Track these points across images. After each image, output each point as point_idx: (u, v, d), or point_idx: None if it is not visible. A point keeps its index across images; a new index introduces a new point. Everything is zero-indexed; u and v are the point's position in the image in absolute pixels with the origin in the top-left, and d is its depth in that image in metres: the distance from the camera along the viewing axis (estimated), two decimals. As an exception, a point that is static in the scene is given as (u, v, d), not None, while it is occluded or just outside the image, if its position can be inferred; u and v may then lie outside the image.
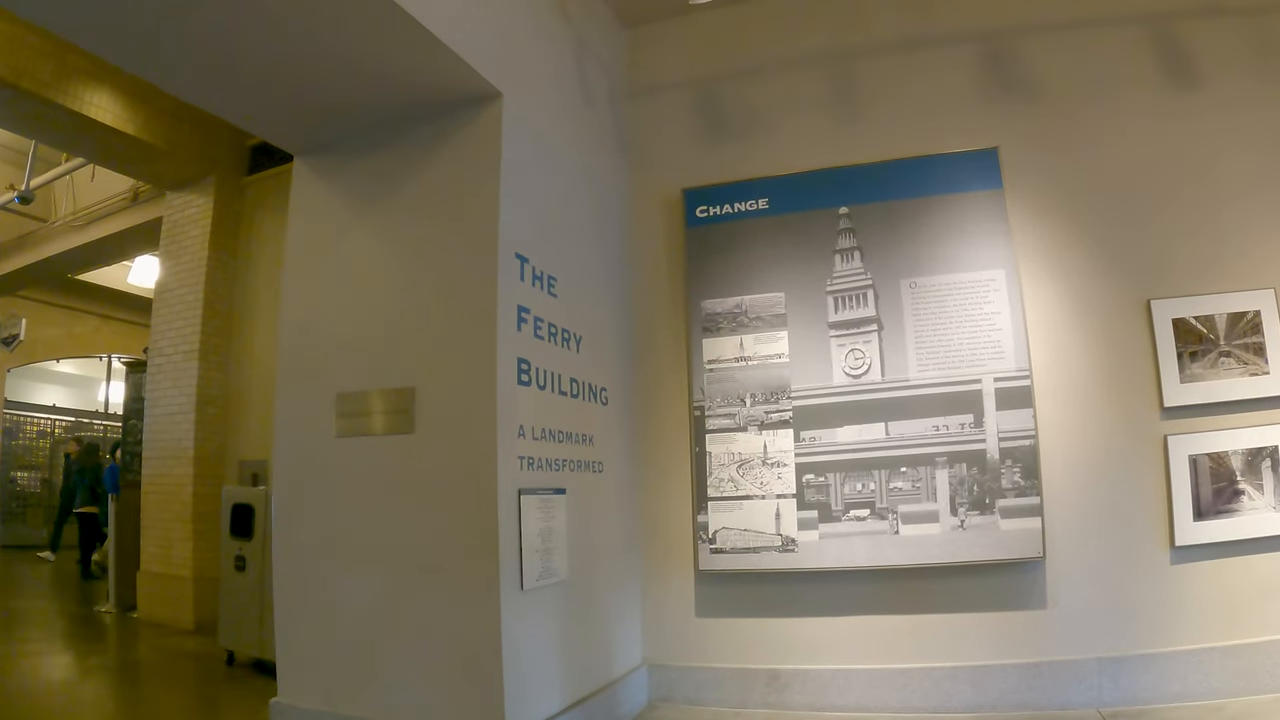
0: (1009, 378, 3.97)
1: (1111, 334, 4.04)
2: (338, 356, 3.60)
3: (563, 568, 3.56)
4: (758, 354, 4.27)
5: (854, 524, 4.03)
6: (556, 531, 3.53)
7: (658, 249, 4.68)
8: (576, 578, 3.69)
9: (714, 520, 4.19)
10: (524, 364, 3.44)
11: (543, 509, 3.44)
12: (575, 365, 3.89)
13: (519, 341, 3.42)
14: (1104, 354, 4.04)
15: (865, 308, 4.18)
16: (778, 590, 4.15)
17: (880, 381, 4.10)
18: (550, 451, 3.59)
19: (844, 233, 4.27)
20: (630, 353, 4.60)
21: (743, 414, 4.24)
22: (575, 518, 3.72)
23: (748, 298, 4.33)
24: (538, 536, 3.39)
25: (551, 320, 3.71)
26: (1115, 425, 3.97)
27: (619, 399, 4.35)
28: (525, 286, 3.52)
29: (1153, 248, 4.06)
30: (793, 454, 4.15)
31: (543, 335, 3.62)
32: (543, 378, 3.58)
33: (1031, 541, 3.84)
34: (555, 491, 3.57)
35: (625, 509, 4.32)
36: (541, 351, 3.59)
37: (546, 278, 3.69)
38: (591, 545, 3.89)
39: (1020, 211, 4.18)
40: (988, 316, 4.05)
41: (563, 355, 3.78)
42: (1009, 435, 3.93)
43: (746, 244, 4.38)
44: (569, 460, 3.75)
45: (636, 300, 4.68)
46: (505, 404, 3.27)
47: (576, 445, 3.84)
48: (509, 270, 3.40)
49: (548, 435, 3.58)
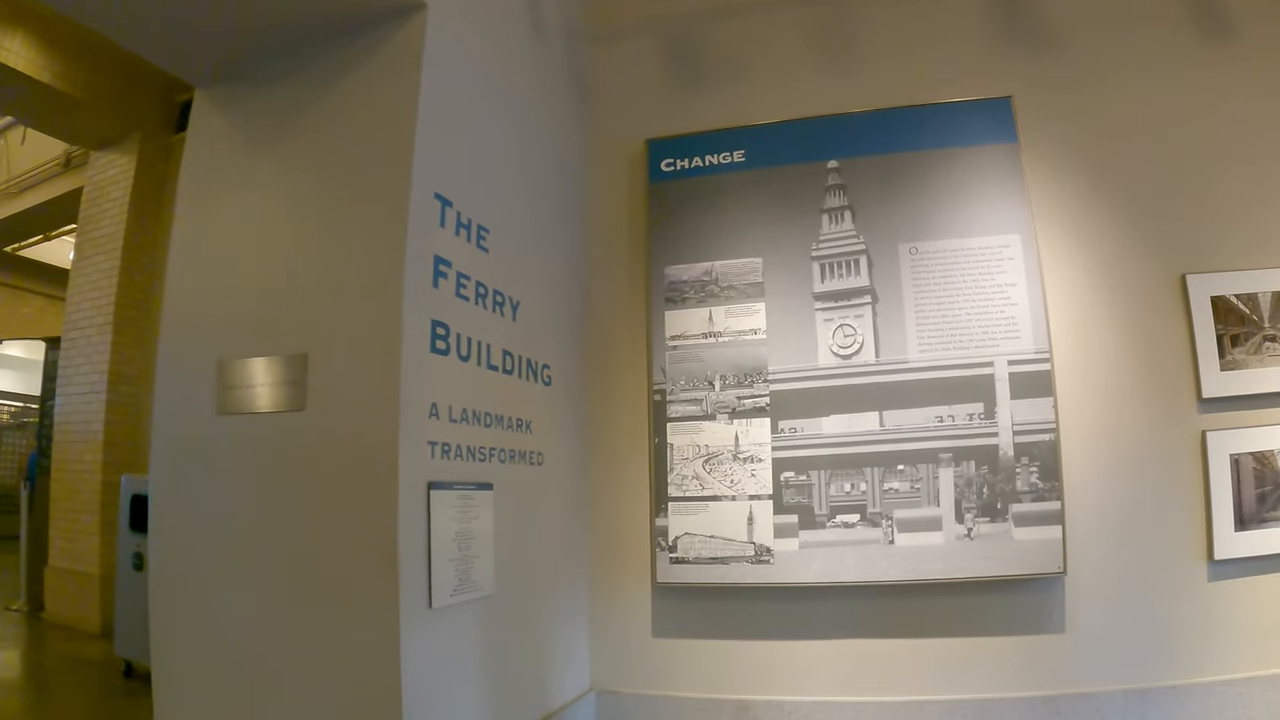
0: (1026, 360, 3.30)
1: (1141, 312, 3.42)
2: (226, 317, 2.87)
3: (487, 579, 2.85)
4: (729, 329, 3.56)
5: (841, 531, 3.33)
6: (480, 535, 2.82)
7: (616, 208, 3.95)
8: (506, 591, 2.97)
9: (675, 524, 3.47)
10: (440, 328, 2.72)
11: (461, 507, 2.73)
12: (510, 335, 3.17)
13: (435, 300, 2.71)
14: (1133, 335, 3.41)
15: (857, 276, 3.49)
16: (750, 608, 3.45)
17: (874, 363, 3.40)
18: (474, 438, 2.87)
19: (833, 190, 3.58)
20: (580, 325, 3.85)
21: (711, 399, 3.53)
22: (506, 519, 3.00)
23: (719, 263, 3.62)
24: (453, 541, 2.68)
25: (480, 279, 2.99)
26: (1146, 418, 3.35)
27: (565, 379, 3.60)
28: (446, 234, 2.81)
29: (1189, 215, 3.46)
30: (769, 447, 3.44)
31: (468, 295, 2.90)
32: (466, 347, 2.87)
33: (1050, 554, 3.18)
34: (479, 487, 2.85)
35: (570, 509, 3.58)
36: (465, 315, 2.88)
37: (476, 228, 2.98)
38: (527, 552, 3.17)
39: (1038, 168, 3.55)
40: (1001, 289, 3.38)
41: (494, 322, 3.06)
42: (1026, 428, 3.26)
43: (719, 202, 3.67)
44: (499, 449, 3.03)
45: (590, 265, 3.94)
46: (412, 376, 2.56)
47: (509, 432, 3.11)
48: (425, 212, 2.70)
49: (471, 418, 2.86)
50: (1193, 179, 3.49)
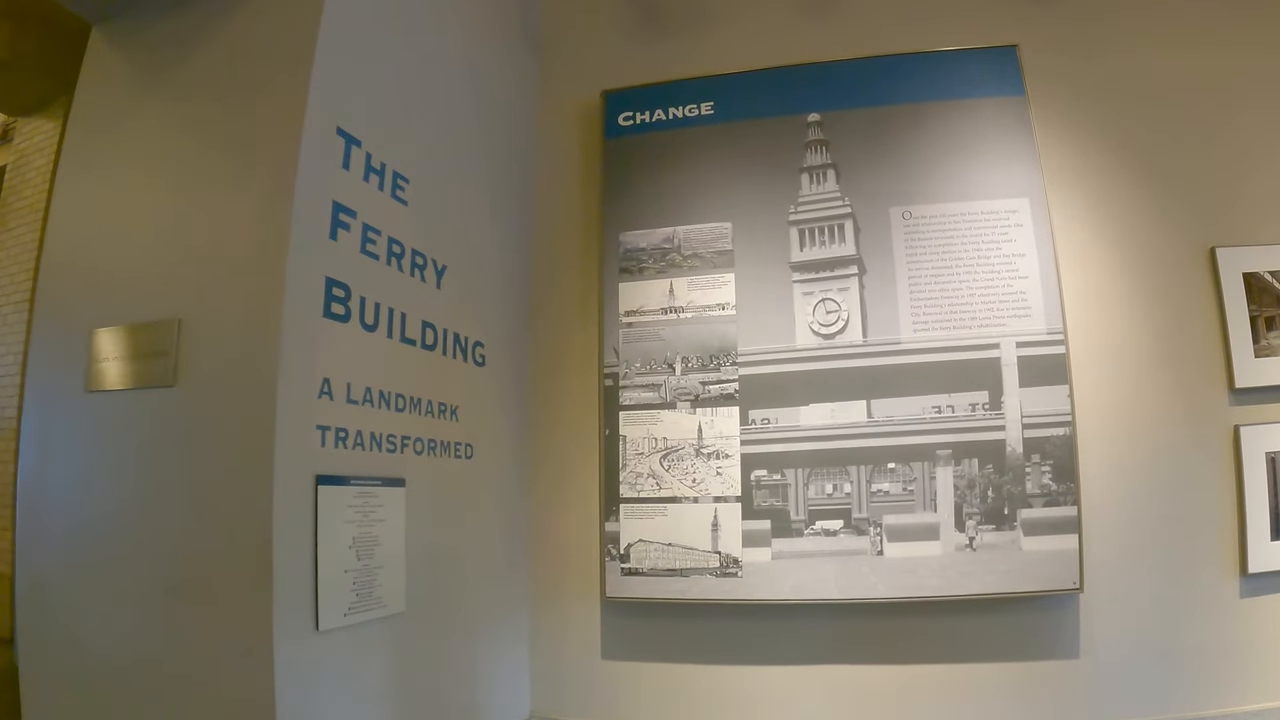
0: (1037, 342, 2.78)
1: (1165, 288, 2.92)
2: (103, 279, 2.32)
3: (396, 594, 2.30)
4: (693, 303, 3.01)
5: (821, 540, 2.79)
6: (387, 541, 2.27)
7: (568, 167, 3.40)
8: (422, 608, 2.42)
9: (628, 530, 2.91)
10: (339, 288, 2.18)
11: (361, 507, 2.18)
12: (433, 305, 2.61)
13: (333, 255, 2.17)
14: (1156, 315, 2.90)
15: (842, 244, 2.96)
16: (713, 627, 2.90)
17: (861, 343, 2.87)
18: (381, 423, 2.32)
19: (814, 146, 3.05)
20: (523, 298, 3.29)
21: (670, 385, 2.98)
22: (423, 521, 2.45)
23: (682, 229, 3.07)
24: (350, 548, 2.13)
25: (395, 235, 2.44)
26: (1171, 411, 2.84)
27: (503, 360, 3.04)
28: (352, 179, 2.27)
29: (1219, 180, 2.95)
30: (738, 441, 2.89)
31: (377, 253, 2.35)
32: (374, 314, 2.32)
33: (1065, 567, 2.65)
34: (386, 482, 2.30)
35: (507, 511, 3.02)
36: (374, 276, 2.33)
37: (392, 175, 2.44)
38: (451, 561, 2.61)
39: (1048, 125, 3.04)
40: (1008, 259, 2.86)
41: (412, 288, 2.51)
42: (1037, 421, 2.73)
43: (683, 159, 3.12)
44: (415, 439, 2.47)
45: (537, 231, 3.38)
46: (297, 344, 2.02)
47: (429, 419, 2.56)
48: (323, 149, 2.16)
49: (378, 399, 2.31)
50: (1223, 140, 2.98)
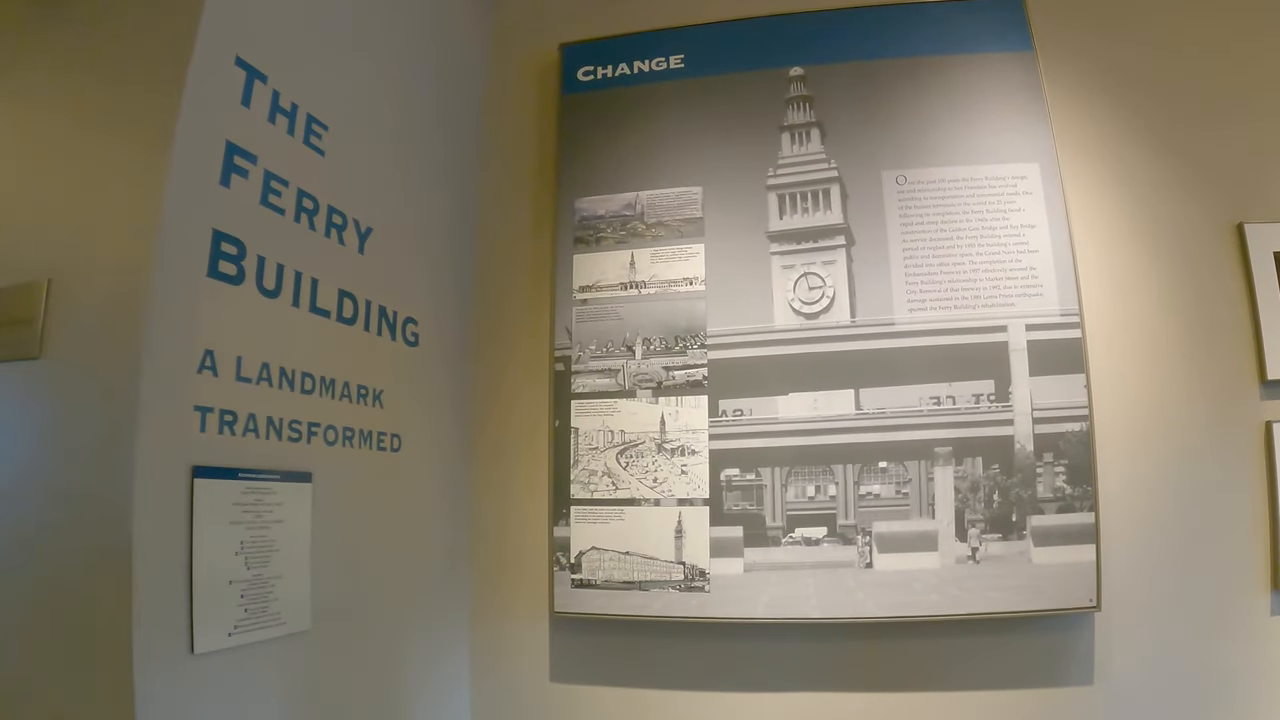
0: (1050, 324, 2.39)
1: (1189, 267, 2.53)
2: None
3: (298, 609, 1.89)
4: (656, 277, 2.60)
5: (801, 550, 2.39)
6: (287, 546, 1.86)
7: (522, 127, 2.98)
8: (334, 625, 2.01)
9: (579, 535, 2.50)
10: (230, 244, 1.76)
11: (252, 505, 1.77)
12: (353, 272, 2.20)
13: (224, 204, 1.76)
14: (1179, 296, 2.52)
15: (827, 211, 2.56)
16: (677, 648, 2.50)
17: (848, 324, 2.47)
18: (282, 406, 1.90)
19: (796, 103, 2.65)
20: (467, 271, 2.86)
21: (629, 370, 2.57)
22: (334, 523, 2.04)
23: (646, 194, 2.66)
24: (237, 554, 1.72)
25: (308, 188, 2.02)
26: (1197, 405, 2.45)
27: (440, 339, 2.62)
28: (253, 119, 1.86)
29: (1247, 149, 2.57)
30: (706, 435, 2.48)
31: (282, 207, 1.94)
32: (276, 277, 1.91)
33: (1080, 582, 2.26)
34: (287, 476, 1.88)
35: (442, 512, 2.60)
36: (279, 234, 1.92)
37: (306, 119, 2.03)
38: (372, 570, 2.20)
39: (1060, 83, 2.66)
40: (1016, 231, 2.47)
41: (327, 251, 2.10)
42: (1050, 414, 2.34)
43: (649, 118, 2.71)
44: (327, 426, 2.05)
45: (485, 195, 2.96)
46: (171, 307, 1.61)
47: (346, 404, 2.14)
48: (217, 80, 1.76)
49: (279, 378, 1.90)
50: (1254, 105, 2.61)
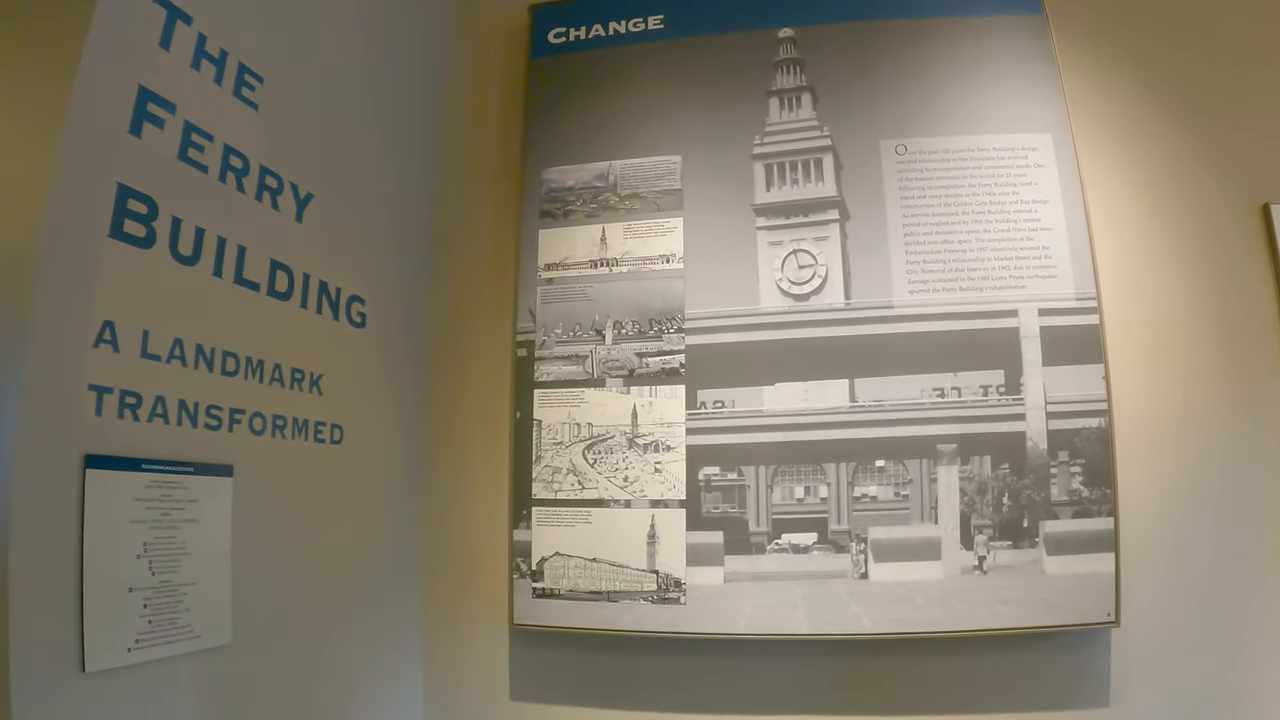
0: (1065, 309, 2.13)
1: (1211, 250, 2.29)
2: None
3: (216, 621, 1.61)
4: (630, 254, 2.32)
5: (788, 558, 2.11)
6: (202, 549, 1.58)
7: (488, 93, 2.70)
8: (262, 639, 1.73)
9: (541, 540, 2.22)
10: (138, 201, 1.49)
11: (159, 502, 1.49)
12: (289, 241, 1.92)
13: (134, 156, 1.49)
14: (1201, 281, 2.28)
15: (819, 183, 2.29)
16: (650, 666, 2.22)
17: (843, 307, 2.20)
18: (198, 389, 1.61)
19: (786, 66, 2.39)
20: (422, 246, 2.57)
21: (599, 356, 2.29)
22: (263, 523, 1.76)
23: (620, 163, 2.38)
24: (140, 557, 1.45)
25: (236, 145, 1.74)
26: (1223, 399, 2.20)
27: (390, 320, 2.32)
28: (173, 63, 1.59)
29: (1272, 125, 2.33)
30: (682, 429, 2.20)
31: (205, 164, 1.66)
32: (194, 243, 1.62)
33: (1098, 595, 1.99)
34: (203, 469, 1.60)
35: (391, 512, 2.31)
36: (199, 194, 1.64)
37: (238, 69, 1.75)
38: (308, 576, 1.92)
39: (1072, 49, 2.40)
40: (1027, 207, 2.21)
41: (258, 216, 1.82)
42: (1065, 408, 2.08)
43: (625, 83, 2.44)
44: (253, 413, 1.77)
45: (445, 165, 2.67)
46: (63, 271, 1.36)
47: (277, 389, 1.85)
48: (130, 16, 1.49)
49: (194, 356, 1.61)
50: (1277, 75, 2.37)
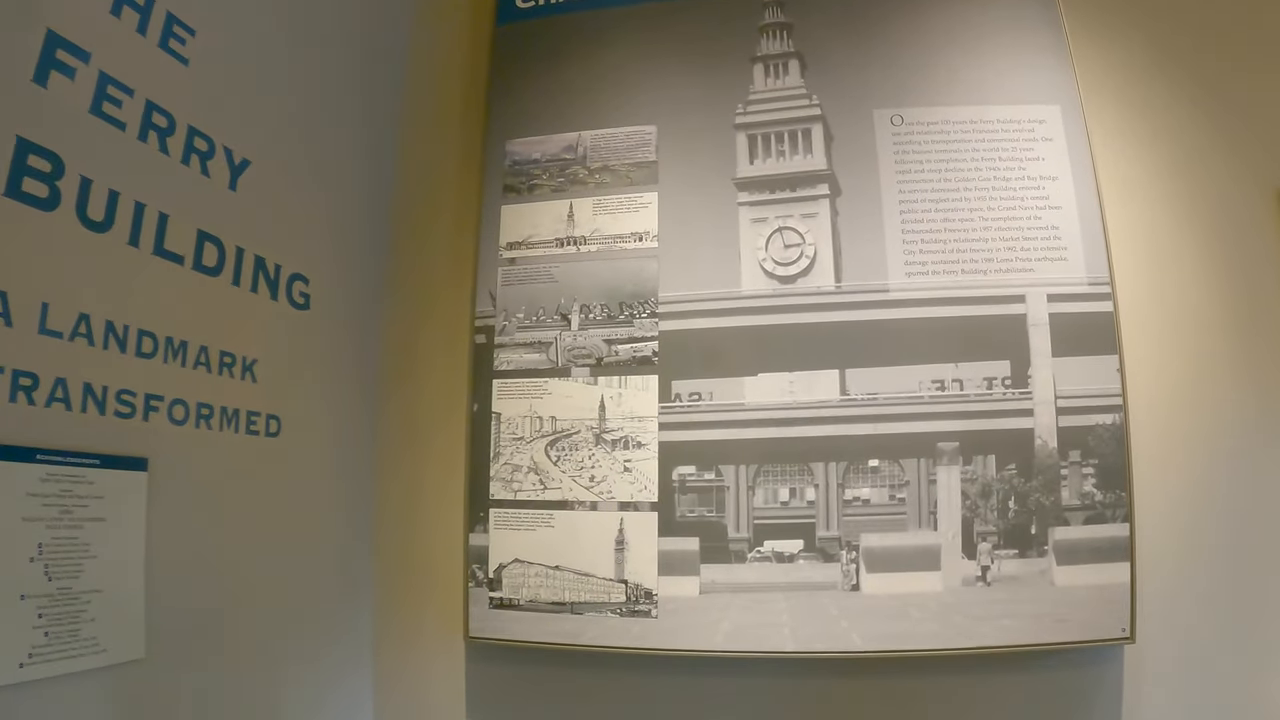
0: (1076, 295, 1.91)
1: (1227, 236, 2.08)
2: None
3: (126, 633, 1.39)
4: (599, 232, 2.09)
5: (771, 568, 1.88)
6: (108, 552, 1.36)
7: (452, 61, 2.45)
8: (183, 654, 1.50)
9: (499, 545, 1.98)
10: (40, 158, 1.28)
11: (56, 498, 1.28)
12: (220, 211, 1.68)
13: (36, 107, 1.28)
14: (1216, 268, 2.06)
15: (808, 155, 2.07)
16: (619, 684, 1.98)
17: (833, 290, 1.97)
18: (108, 371, 1.39)
19: (772, 30, 2.17)
20: (378, 222, 2.31)
21: (564, 343, 2.06)
22: (183, 523, 1.53)
23: (590, 134, 2.15)
24: (33, 561, 1.23)
25: (161, 102, 1.52)
26: (1243, 396, 2.00)
27: (337, 301, 2.08)
28: (88, 6, 1.39)
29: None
30: (655, 424, 1.97)
31: (123, 121, 1.44)
32: (107, 207, 1.40)
33: (1111, 608, 1.77)
34: (110, 462, 1.38)
35: (338, 512, 2.07)
36: (115, 153, 1.43)
37: (166, 19, 1.53)
38: (239, 583, 1.69)
39: (1081, 17, 2.18)
40: (1035, 183, 1.99)
41: (184, 182, 1.59)
42: (1077, 403, 1.86)
43: (598, 48, 2.22)
44: (173, 400, 1.54)
45: (403, 136, 2.42)
46: None
47: (202, 374, 1.62)
48: None
49: (103, 334, 1.39)
50: None
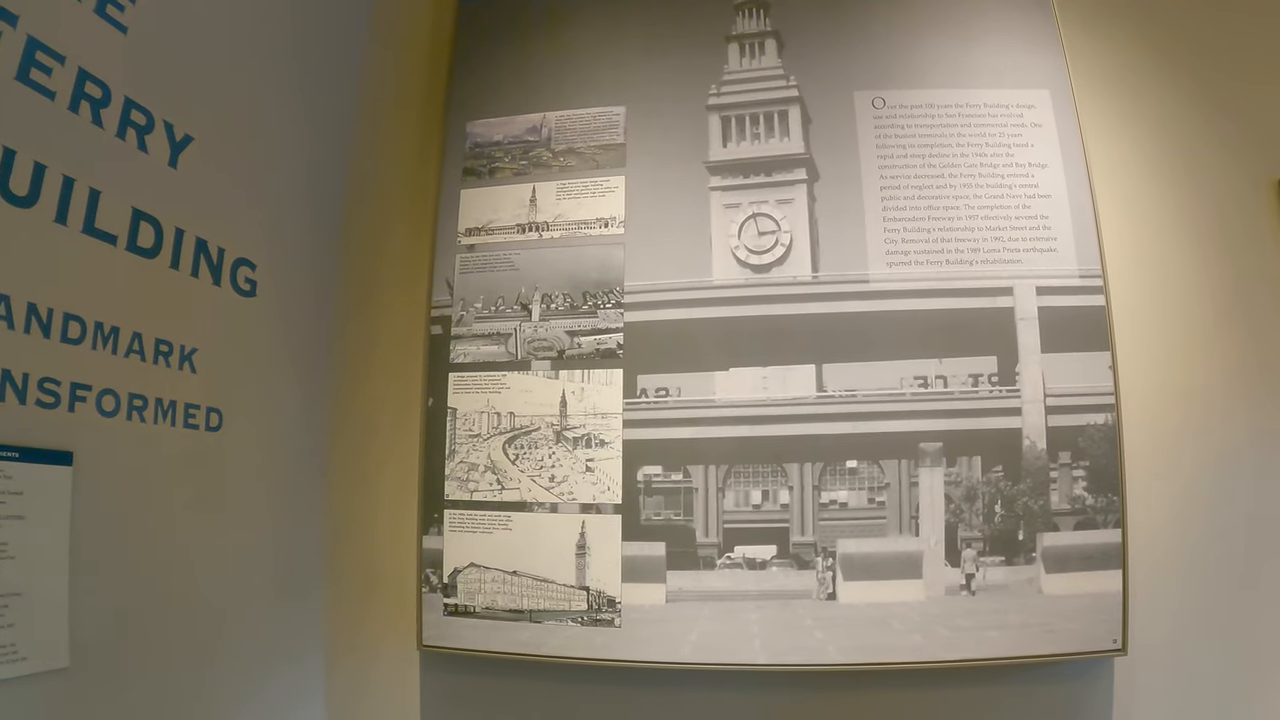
0: (1066, 288, 1.78)
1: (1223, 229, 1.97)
2: None
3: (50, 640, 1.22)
4: (563, 218, 1.95)
5: (743, 575, 1.74)
6: (29, 552, 1.18)
7: (414, 40, 2.30)
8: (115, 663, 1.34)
9: (454, 548, 1.84)
10: None
11: None
12: (159, 189, 1.52)
13: None
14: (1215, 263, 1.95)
15: (785, 138, 1.93)
16: (581, 696, 1.83)
17: (810, 280, 1.83)
18: (28, 357, 1.21)
19: (748, 9, 2.03)
20: (332, 205, 2.12)
21: (524, 334, 1.91)
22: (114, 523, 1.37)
23: (555, 115, 2.01)
24: None
25: (95, 71, 1.34)
26: (1238, 396, 1.89)
27: (286, 288, 1.89)
28: None
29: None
30: (619, 420, 1.83)
31: (53, 90, 1.24)
32: (31, 181, 1.22)
33: (1102, 619, 1.65)
34: (30, 455, 1.20)
35: (285, 512, 1.89)
36: (44, 124, 1.26)
37: None
38: (176, 587, 1.51)
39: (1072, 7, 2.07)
40: (1023, 170, 1.87)
41: (119, 156, 1.43)
42: (1067, 402, 1.73)
43: (566, 25, 2.07)
44: (103, 391, 1.37)
45: (361, 116, 2.22)
46: None
47: (134, 362, 1.43)
48: None
49: (25, 317, 1.21)
50: None
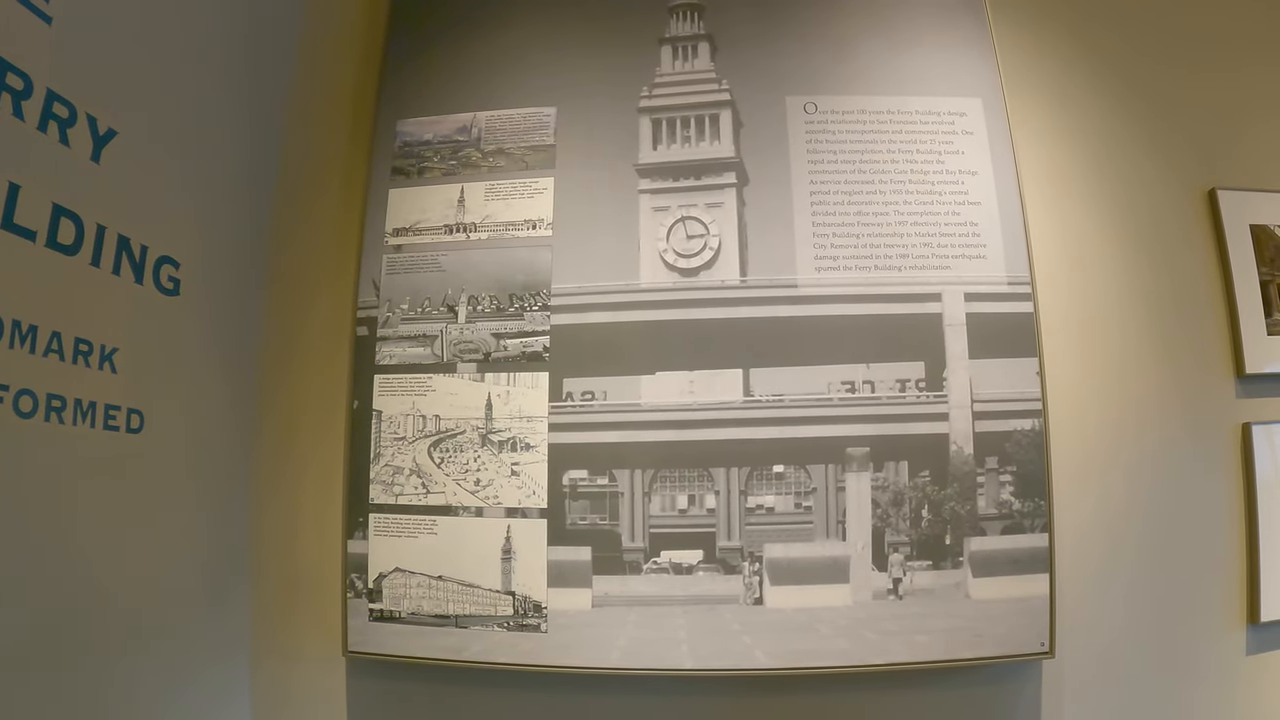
0: (994, 294, 1.73)
1: (1154, 237, 1.96)
2: None
3: None
4: (491, 219, 1.85)
5: (669, 580, 1.66)
6: None
7: (346, 36, 2.19)
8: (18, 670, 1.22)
9: (379, 553, 1.74)
10: None
11: None
12: (80, 184, 1.41)
13: None
14: (1141, 271, 1.94)
15: (715, 142, 1.86)
16: (507, 704, 1.74)
17: (738, 284, 1.76)
18: None
19: (682, 11, 1.96)
20: (261, 203, 2.01)
21: (450, 337, 1.81)
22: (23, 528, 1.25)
23: (485, 115, 1.92)
24: None
25: (16, 61, 1.21)
26: (1163, 401, 1.87)
27: (210, 286, 1.78)
28: None
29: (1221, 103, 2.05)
30: (545, 424, 1.74)
31: None
32: None
33: (1030, 622, 1.60)
34: None
35: (209, 516, 1.78)
36: None
37: None
38: (89, 592, 1.40)
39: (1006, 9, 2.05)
40: (953, 177, 1.81)
41: (39, 150, 1.31)
42: (994, 408, 1.67)
43: (499, 24, 1.99)
44: (18, 391, 1.25)
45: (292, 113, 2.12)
46: None
47: (52, 361, 1.30)
48: None
49: None
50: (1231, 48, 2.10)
